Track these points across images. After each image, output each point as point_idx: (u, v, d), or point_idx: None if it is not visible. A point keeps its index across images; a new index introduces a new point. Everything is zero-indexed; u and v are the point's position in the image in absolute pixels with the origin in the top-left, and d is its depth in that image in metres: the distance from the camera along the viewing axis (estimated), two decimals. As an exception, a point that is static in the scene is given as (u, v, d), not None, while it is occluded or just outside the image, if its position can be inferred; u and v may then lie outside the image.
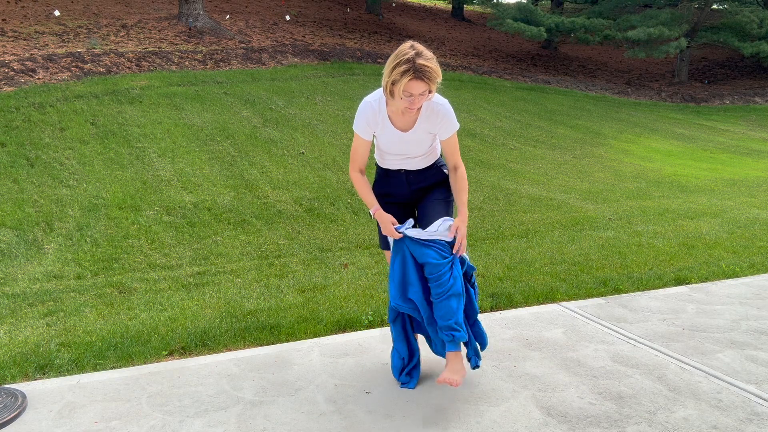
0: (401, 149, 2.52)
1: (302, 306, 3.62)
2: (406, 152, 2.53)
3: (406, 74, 2.21)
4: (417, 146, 2.51)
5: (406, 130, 2.47)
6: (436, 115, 2.43)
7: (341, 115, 9.96)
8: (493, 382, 2.66)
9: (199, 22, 12.73)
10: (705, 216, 6.38)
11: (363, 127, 2.47)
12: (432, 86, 2.27)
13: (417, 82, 2.23)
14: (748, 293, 3.93)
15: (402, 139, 2.48)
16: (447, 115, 2.44)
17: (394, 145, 2.51)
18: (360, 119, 2.46)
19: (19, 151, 6.60)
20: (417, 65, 2.20)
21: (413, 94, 2.26)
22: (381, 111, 2.44)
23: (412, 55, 2.22)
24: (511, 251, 4.97)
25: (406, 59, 2.21)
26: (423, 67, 2.21)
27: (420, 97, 2.28)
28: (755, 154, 11.64)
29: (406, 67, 2.21)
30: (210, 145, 7.72)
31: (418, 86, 2.24)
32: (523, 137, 10.88)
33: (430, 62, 2.23)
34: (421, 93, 2.26)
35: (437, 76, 2.25)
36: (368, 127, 2.47)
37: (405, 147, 2.51)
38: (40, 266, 4.63)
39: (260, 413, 2.38)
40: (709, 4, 19.21)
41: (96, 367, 2.80)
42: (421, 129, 2.46)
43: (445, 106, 2.45)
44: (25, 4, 12.51)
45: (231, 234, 5.56)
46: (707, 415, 2.40)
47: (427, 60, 2.23)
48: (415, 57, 2.21)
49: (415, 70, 2.20)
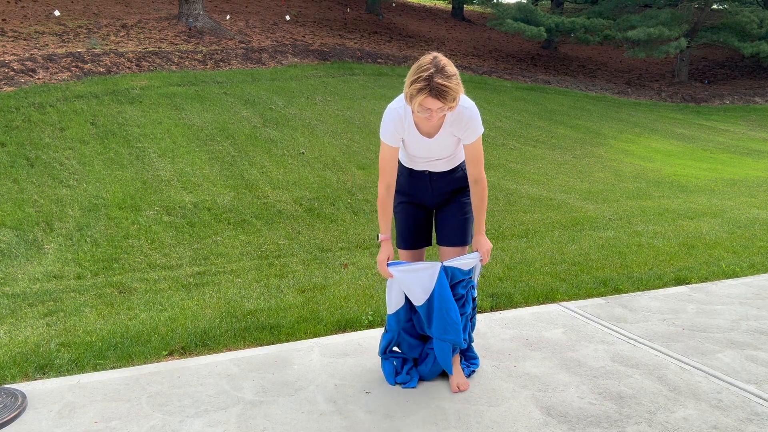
0: (426, 153, 2.50)
1: (302, 306, 3.62)
2: (430, 155, 2.51)
3: (422, 92, 2.15)
4: (442, 149, 2.48)
5: (431, 136, 2.43)
6: (461, 119, 2.38)
7: (341, 115, 9.96)
8: (493, 382, 2.66)
9: (199, 22, 12.73)
10: (705, 216, 6.38)
11: (390, 135, 2.42)
12: (449, 105, 2.20)
13: (432, 99, 2.17)
14: (748, 293, 3.93)
15: (428, 144, 2.46)
16: (473, 118, 2.38)
17: (419, 149, 2.49)
18: (387, 127, 2.41)
19: (19, 151, 6.60)
20: (434, 84, 2.13)
21: (430, 109, 2.21)
22: (407, 117, 2.39)
23: (432, 72, 2.14)
24: (511, 251, 4.97)
25: (424, 76, 2.14)
26: (440, 87, 2.14)
27: (438, 111, 2.22)
28: (755, 154, 11.64)
29: (422, 85, 2.15)
30: (210, 145, 7.72)
31: (434, 103, 2.18)
32: (523, 137, 10.88)
33: (448, 81, 2.15)
34: (438, 108, 2.20)
35: (455, 94, 2.18)
36: (396, 134, 2.42)
37: (430, 151, 2.48)
38: (40, 266, 4.63)
39: (260, 413, 2.38)
40: (709, 4, 19.21)
41: (96, 367, 2.80)
42: (445, 133, 2.42)
43: (471, 109, 2.38)
44: (25, 4, 12.51)
45: (231, 234, 5.56)
46: (707, 415, 2.39)
47: (446, 78, 2.14)
48: (433, 75, 2.14)
49: (431, 89, 2.14)
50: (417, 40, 17.62)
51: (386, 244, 2.52)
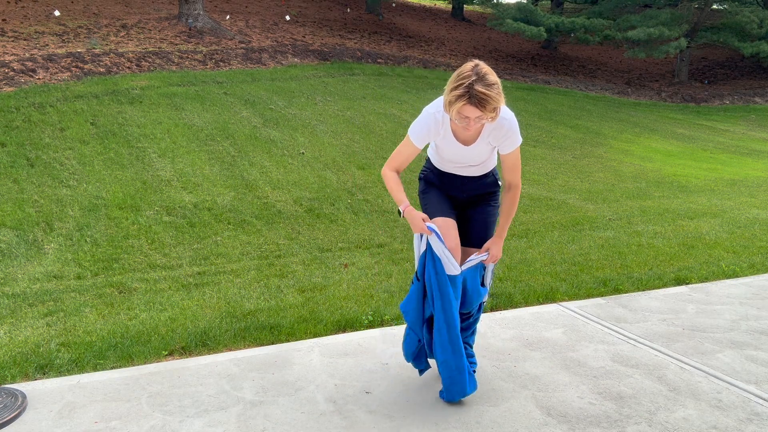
0: (460, 159, 2.47)
1: (302, 306, 3.62)
2: (464, 162, 2.48)
3: (461, 98, 2.12)
4: (475, 157, 2.46)
5: (468, 144, 2.40)
6: (500, 130, 2.34)
7: (341, 115, 9.96)
8: (493, 382, 2.66)
9: (199, 22, 12.73)
10: (705, 216, 6.38)
11: (421, 136, 2.39)
12: (488, 115, 2.16)
13: (472, 107, 2.13)
14: (748, 293, 3.93)
15: (463, 152, 2.43)
16: (511, 129, 2.34)
17: (453, 155, 2.47)
18: (421, 128, 2.37)
19: (19, 151, 6.60)
20: (474, 92, 2.10)
21: (468, 117, 2.17)
22: (444, 123, 2.36)
23: (473, 79, 2.10)
24: (511, 251, 4.97)
25: (465, 84, 2.10)
26: (480, 95, 2.10)
27: (476, 120, 2.18)
28: (755, 154, 11.64)
29: (462, 92, 2.11)
30: (210, 145, 7.72)
31: (473, 111, 2.14)
32: (523, 137, 10.87)
33: (489, 90, 2.10)
34: (477, 117, 2.17)
35: (495, 104, 2.14)
36: (427, 138, 2.39)
37: (463, 157, 2.46)
38: (40, 266, 4.63)
39: (260, 413, 2.38)
40: (709, 4, 19.21)
41: (96, 367, 2.80)
42: (483, 143, 2.40)
43: (511, 120, 2.34)
44: (25, 4, 12.51)
45: (231, 234, 5.56)
46: (707, 415, 2.39)
47: (487, 87, 2.11)
48: (474, 82, 2.10)
49: (470, 96, 2.10)
50: (417, 40, 17.62)
51: (410, 209, 2.43)
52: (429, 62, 15.18)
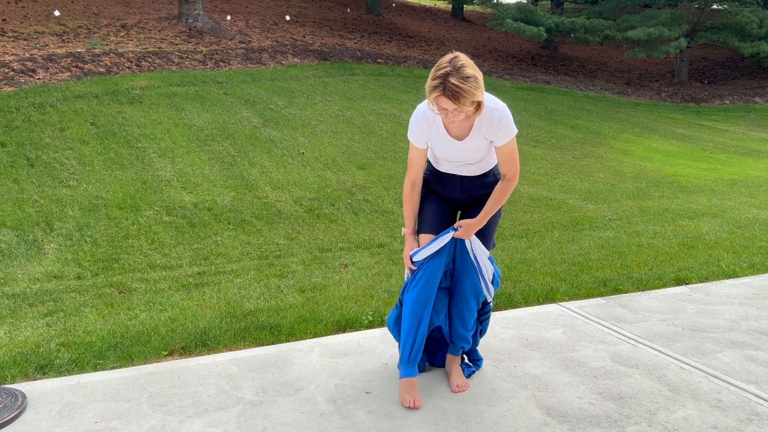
0: (456, 156, 2.42)
1: (302, 306, 3.62)
2: (460, 159, 2.43)
3: (436, 90, 2.10)
4: (472, 154, 2.40)
5: (461, 138, 2.36)
6: (491, 121, 2.29)
7: (341, 115, 9.96)
8: (493, 382, 2.66)
9: (199, 22, 12.73)
10: (705, 216, 6.38)
11: (417, 136, 2.38)
12: (462, 107, 2.12)
13: (446, 100, 2.10)
14: (748, 293, 3.93)
15: (457, 148, 2.38)
16: (502, 120, 2.28)
17: (448, 153, 2.42)
18: (414, 128, 2.38)
19: (19, 151, 6.60)
20: (448, 84, 2.07)
21: (446, 109, 2.15)
22: (436, 119, 2.33)
23: (448, 71, 2.08)
24: (511, 251, 4.97)
25: (440, 74, 2.09)
26: (453, 87, 2.07)
27: (455, 112, 2.14)
28: (755, 154, 11.64)
29: (436, 84, 2.09)
30: (210, 145, 7.72)
31: (449, 104, 2.11)
32: (523, 137, 10.87)
33: (463, 83, 2.07)
34: (455, 109, 2.13)
35: (470, 96, 2.09)
36: (422, 135, 2.38)
37: (460, 154, 2.41)
38: (40, 266, 4.63)
39: (260, 413, 2.38)
40: (709, 4, 19.21)
41: (96, 367, 2.80)
42: (477, 136, 2.34)
43: (502, 111, 2.28)
44: (25, 4, 12.51)
45: (231, 234, 5.56)
46: (707, 415, 2.39)
47: (462, 80, 2.07)
48: (449, 74, 2.07)
49: (445, 88, 2.08)
50: (417, 40, 17.61)
51: (410, 237, 2.55)
52: (429, 62, 15.17)
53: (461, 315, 2.56)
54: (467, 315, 2.56)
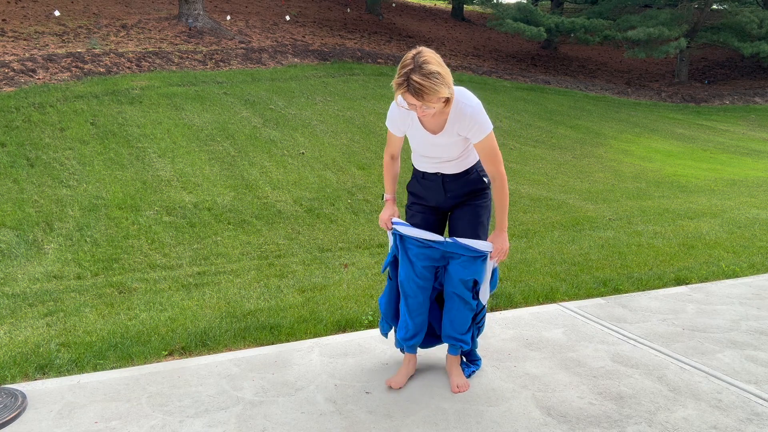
0: (432, 152, 2.43)
1: (302, 306, 3.62)
2: (437, 155, 2.43)
3: (400, 87, 2.10)
4: (449, 150, 2.39)
5: (435, 132, 2.36)
6: (463, 118, 2.27)
7: (341, 115, 9.96)
8: (493, 382, 2.66)
9: (199, 22, 12.73)
10: (705, 216, 6.38)
11: (393, 123, 2.46)
12: (427, 103, 2.11)
13: (410, 96, 2.11)
14: (748, 293, 3.93)
15: (432, 142, 2.38)
16: (475, 116, 2.26)
17: (424, 148, 2.43)
18: (391, 115, 2.44)
19: (19, 151, 6.60)
20: (411, 81, 2.07)
21: (414, 104, 2.15)
22: (411, 111, 2.33)
23: (411, 68, 2.07)
24: (511, 251, 4.97)
25: (403, 72, 2.08)
26: (415, 84, 2.06)
27: (423, 107, 2.15)
28: (755, 154, 11.64)
29: (400, 80, 2.09)
30: (210, 145, 7.72)
31: (412, 100, 2.12)
32: (523, 137, 10.88)
33: (425, 79, 2.05)
34: (421, 105, 2.13)
35: (434, 93, 2.08)
36: (397, 125, 2.45)
37: (435, 150, 2.41)
38: (40, 266, 4.63)
39: (260, 413, 2.38)
40: (709, 4, 19.21)
41: (96, 367, 2.80)
42: (451, 132, 2.32)
43: (474, 107, 2.27)
44: (25, 4, 12.51)
45: (231, 234, 5.56)
46: (707, 415, 2.39)
47: (424, 77, 2.05)
48: (411, 71, 2.06)
49: (408, 85, 2.08)
50: (417, 41, 17.61)
51: (390, 203, 2.63)
52: (429, 62, 15.15)
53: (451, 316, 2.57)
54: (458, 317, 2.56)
